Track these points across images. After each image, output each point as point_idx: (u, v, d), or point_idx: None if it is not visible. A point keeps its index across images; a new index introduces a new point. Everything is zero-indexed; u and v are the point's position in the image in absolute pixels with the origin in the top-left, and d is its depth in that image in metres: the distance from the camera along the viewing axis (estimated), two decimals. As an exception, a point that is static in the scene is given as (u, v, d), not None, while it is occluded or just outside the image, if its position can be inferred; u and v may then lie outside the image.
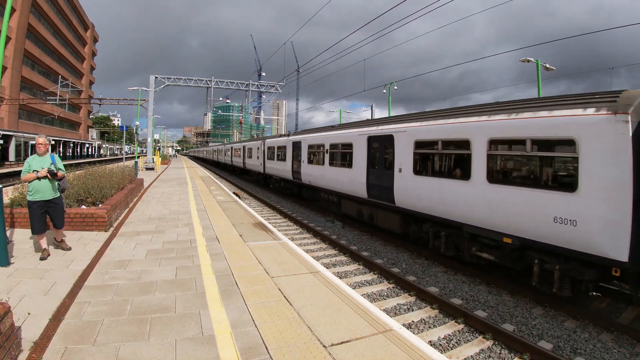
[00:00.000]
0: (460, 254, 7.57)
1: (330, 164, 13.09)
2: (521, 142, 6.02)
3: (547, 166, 5.90)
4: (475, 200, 6.69)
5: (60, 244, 6.12)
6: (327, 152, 13.25)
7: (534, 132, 5.81)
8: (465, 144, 7.02)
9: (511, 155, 6.48)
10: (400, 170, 8.95)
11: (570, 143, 5.34)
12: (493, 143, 6.51)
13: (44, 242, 5.70)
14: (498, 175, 6.53)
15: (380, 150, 10.01)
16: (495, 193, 6.35)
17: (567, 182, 5.48)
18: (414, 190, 8.51)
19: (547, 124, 5.62)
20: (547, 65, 18.60)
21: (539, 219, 5.62)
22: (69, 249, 6.11)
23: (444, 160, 8.10)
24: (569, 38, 17.54)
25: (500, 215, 6.23)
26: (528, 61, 18.48)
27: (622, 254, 4.68)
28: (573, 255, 5.26)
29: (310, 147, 15.03)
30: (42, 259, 5.53)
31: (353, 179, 11.20)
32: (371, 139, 10.43)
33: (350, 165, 11.48)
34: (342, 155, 12.36)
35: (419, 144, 8.44)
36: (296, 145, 16.64)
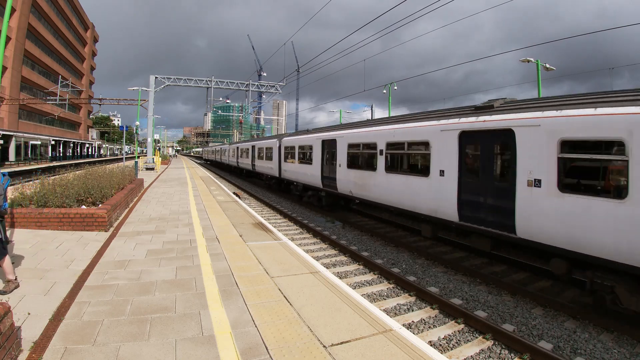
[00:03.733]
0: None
1: (389, 169, 9.73)
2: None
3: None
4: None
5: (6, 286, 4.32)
6: (381, 154, 9.97)
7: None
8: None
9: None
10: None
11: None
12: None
13: (7, 268, 4.35)
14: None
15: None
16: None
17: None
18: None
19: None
20: (547, 66, 18.60)
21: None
22: (17, 286, 4.43)
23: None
24: (570, 38, 17.54)
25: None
26: (528, 61, 18.49)
27: None
28: None
29: (352, 146, 11.73)
30: (2, 292, 4.17)
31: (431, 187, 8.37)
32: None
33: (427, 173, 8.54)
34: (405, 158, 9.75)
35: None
36: (329, 144, 13.47)
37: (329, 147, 13.40)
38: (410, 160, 9.43)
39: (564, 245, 5.49)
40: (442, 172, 7.76)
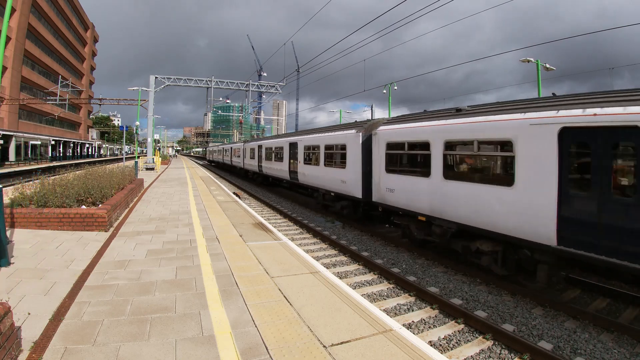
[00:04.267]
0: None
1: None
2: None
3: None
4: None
5: None
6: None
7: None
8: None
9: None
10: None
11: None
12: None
13: None
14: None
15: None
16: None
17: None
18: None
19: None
20: (547, 66, 18.60)
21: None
22: None
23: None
24: (570, 38, 17.54)
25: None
26: (528, 61, 18.49)
27: None
28: None
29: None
30: None
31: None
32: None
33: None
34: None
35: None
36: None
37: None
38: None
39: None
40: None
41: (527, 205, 5.98)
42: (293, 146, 17.36)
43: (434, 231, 8.21)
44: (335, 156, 13.02)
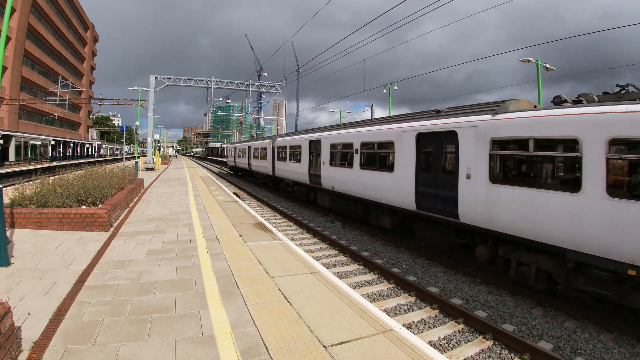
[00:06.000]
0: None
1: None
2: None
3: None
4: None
5: None
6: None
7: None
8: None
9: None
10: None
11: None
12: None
13: None
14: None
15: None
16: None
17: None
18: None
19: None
20: (548, 66, 18.60)
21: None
22: None
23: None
24: (571, 38, 17.54)
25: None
26: (528, 61, 18.49)
27: None
28: None
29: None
30: None
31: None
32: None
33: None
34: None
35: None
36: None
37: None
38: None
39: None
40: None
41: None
42: None
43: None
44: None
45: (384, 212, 10.25)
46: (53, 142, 50.56)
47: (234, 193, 16.70)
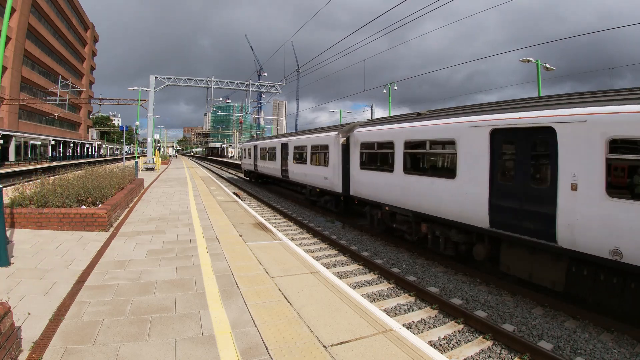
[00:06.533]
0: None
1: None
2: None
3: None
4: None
5: None
6: None
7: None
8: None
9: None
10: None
11: None
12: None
13: None
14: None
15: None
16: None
17: None
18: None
19: None
20: (547, 66, 18.60)
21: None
22: None
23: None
24: (571, 37, 17.54)
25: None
26: (528, 61, 18.49)
27: None
28: None
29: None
30: None
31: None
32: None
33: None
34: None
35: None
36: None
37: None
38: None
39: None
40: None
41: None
42: None
43: None
44: None
45: (441, 228, 8.15)
46: (53, 142, 50.55)
47: (234, 193, 16.70)
